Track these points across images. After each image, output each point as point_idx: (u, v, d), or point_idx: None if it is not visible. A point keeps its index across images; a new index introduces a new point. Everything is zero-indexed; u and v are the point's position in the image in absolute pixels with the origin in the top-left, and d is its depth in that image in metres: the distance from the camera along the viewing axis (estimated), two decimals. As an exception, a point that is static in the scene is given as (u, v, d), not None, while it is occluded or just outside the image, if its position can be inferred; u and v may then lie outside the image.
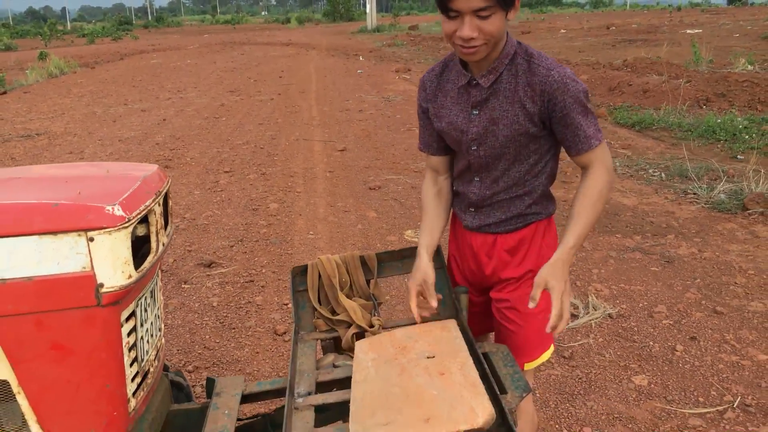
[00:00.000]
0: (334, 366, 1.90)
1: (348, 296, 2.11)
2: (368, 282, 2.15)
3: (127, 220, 1.38)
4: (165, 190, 1.65)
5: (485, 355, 1.84)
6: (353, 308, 2.04)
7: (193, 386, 3.09)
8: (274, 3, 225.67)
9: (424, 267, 1.97)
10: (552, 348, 2.06)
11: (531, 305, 1.69)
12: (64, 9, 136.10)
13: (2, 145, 9.09)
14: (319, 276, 2.13)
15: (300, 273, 2.16)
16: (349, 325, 2.03)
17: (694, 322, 3.67)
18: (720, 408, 2.89)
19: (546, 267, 1.70)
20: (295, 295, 2.14)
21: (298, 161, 7.73)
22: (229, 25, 74.07)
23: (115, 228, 1.36)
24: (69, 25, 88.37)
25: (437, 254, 2.15)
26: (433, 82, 1.96)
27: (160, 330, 1.79)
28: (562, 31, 35.33)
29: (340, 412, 1.66)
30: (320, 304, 2.11)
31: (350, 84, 14.88)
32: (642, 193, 6.32)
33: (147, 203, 1.48)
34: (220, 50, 29.81)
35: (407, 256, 2.19)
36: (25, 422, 1.45)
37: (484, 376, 1.62)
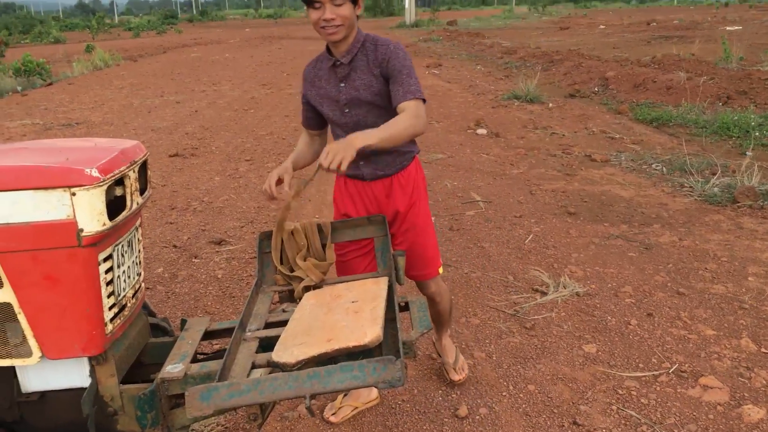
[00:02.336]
0: (284, 311, 2.28)
1: (305, 257, 2.49)
2: (324, 246, 2.53)
3: (102, 180, 1.78)
4: (141, 160, 2.06)
5: (408, 303, 2.21)
6: (307, 266, 2.42)
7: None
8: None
9: (286, 164, 2.58)
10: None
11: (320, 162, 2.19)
12: (112, 3, 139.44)
13: (44, 133, 9.71)
14: (282, 240, 2.52)
15: (266, 237, 2.55)
16: (302, 280, 2.41)
17: (655, 301, 3.96)
18: (656, 372, 3.20)
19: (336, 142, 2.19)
20: (261, 256, 2.53)
21: (316, 151, 8.15)
22: (270, 20, 75.23)
23: (92, 186, 1.77)
24: (116, 18, 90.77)
25: (382, 223, 2.53)
26: (310, 72, 2.61)
27: (139, 275, 2.20)
28: (601, 26, 35.11)
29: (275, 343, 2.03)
30: (281, 264, 2.50)
31: (379, 78, 15.25)
32: (641, 185, 6.56)
33: (121, 168, 1.89)
34: (258, 44, 30.51)
35: (358, 225, 2.56)
36: (24, 338, 1.87)
37: (393, 318, 1.98)
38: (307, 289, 2.38)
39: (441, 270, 2.86)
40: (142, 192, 2.10)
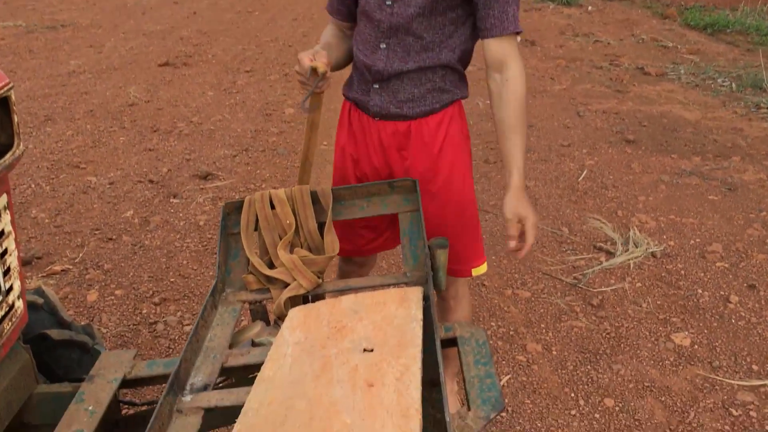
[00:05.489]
0: (254, 344, 1.42)
1: (291, 245, 1.61)
2: (321, 226, 1.64)
3: None
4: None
5: (453, 340, 1.33)
6: (294, 264, 1.54)
7: (155, 322, 2.71)
8: None
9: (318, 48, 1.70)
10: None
11: (511, 245, 1.63)
12: None
13: (25, 37, 8.67)
14: (257, 217, 1.63)
15: (234, 210, 1.66)
16: (287, 285, 1.54)
17: (755, 266, 3.08)
18: (779, 382, 2.36)
19: (510, 199, 1.62)
20: (226, 239, 1.65)
21: (326, 61, 7.11)
22: None
23: None
24: None
25: (412, 191, 1.63)
26: None
27: (7, 291, 1.32)
28: None
29: (233, 416, 1.17)
30: (257, 254, 1.62)
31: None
32: (707, 105, 5.55)
33: None
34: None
35: (375, 193, 1.66)
36: None
37: (435, 382, 1.12)
38: (293, 301, 1.51)
39: (479, 271, 1.90)
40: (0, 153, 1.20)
